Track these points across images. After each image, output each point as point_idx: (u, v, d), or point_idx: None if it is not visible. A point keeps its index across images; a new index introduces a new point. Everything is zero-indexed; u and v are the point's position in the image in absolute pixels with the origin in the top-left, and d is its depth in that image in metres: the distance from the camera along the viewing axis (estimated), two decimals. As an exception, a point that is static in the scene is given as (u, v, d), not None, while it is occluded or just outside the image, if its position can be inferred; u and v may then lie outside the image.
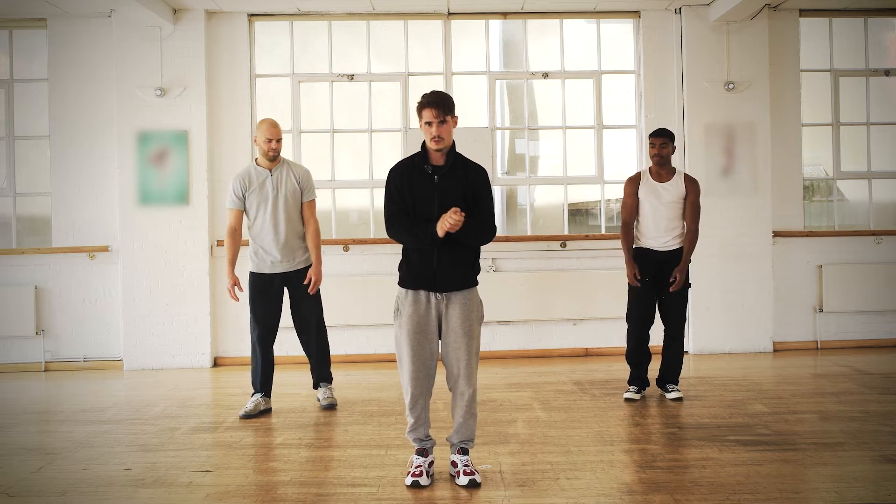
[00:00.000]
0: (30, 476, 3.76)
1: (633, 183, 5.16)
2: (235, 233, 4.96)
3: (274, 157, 4.92)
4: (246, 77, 6.82)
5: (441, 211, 3.49)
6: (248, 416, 4.88)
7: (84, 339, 6.69)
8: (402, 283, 3.63)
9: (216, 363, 6.73)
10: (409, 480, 3.54)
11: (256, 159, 5.00)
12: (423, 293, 3.58)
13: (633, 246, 5.16)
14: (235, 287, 4.88)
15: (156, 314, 6.59)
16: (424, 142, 3.60)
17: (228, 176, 6.73)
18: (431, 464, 3.65)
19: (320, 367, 5.14)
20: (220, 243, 6.68)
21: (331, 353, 5.22)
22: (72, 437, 4.46)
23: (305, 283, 4.94)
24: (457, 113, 3.60)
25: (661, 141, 5.06)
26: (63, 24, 6.69)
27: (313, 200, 5.04)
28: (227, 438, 4.39)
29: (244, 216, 4.99)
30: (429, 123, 3.51)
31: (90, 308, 6.69)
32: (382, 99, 7.08)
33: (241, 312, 6.63)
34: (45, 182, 6.80)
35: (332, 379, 5.21)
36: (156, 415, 4.96)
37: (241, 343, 6.69)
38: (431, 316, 3.58)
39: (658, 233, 5.06)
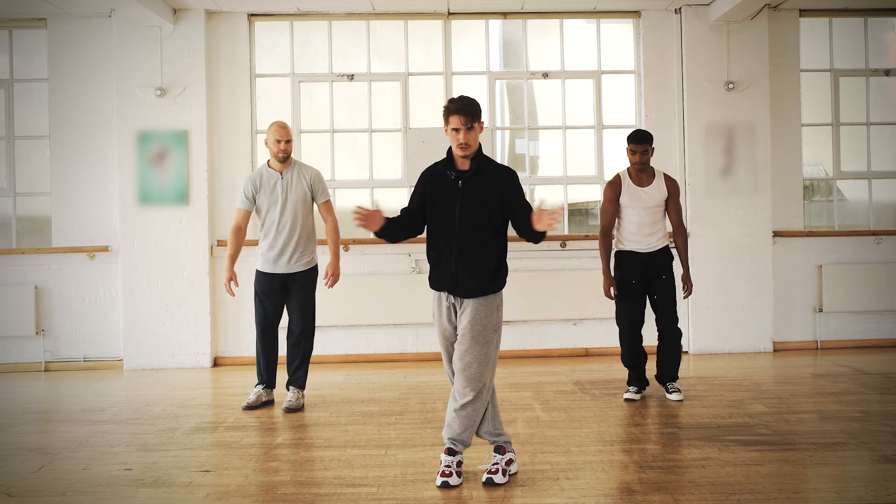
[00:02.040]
0: (30, 476, 3.76)
1: (615, 188, 5.06)
2: (240, 231, 5.04)
3: (284, 159, 4.98)
4: (246, 77, 6.82)
5: (463, 216, 3.46)
6: (250, 408, 5.02)
7: (84, 339, 6.69)
8: (430, 284, 3.65)
9: (216, 363, 6.73)
10: (438, 481, 3.48)
11: (269, 161, 5.05)
12: (443, 295, 3.59)
13: (617, 249, 5.13)
14: (232, 282, 4.96)
15: (156, 314, 6.59)
16: (450, 147, 3.55)
17: (228, 176, 6.75)
18: (459, 463, 3.52)
19: (300, 369, 5.07)
20: (220, 243, 6.68)
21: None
22: (72, 437, 4.46)
23: (325, 279, 4.99)
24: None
25: (643, 148, 4.97)
26: (63, 24, 6.69)
27: (328, 201, 5.12)
28: (227, 438, 4.39)
29: (255, 216, 5.06)
30: (456, 130, 3.45)
31: (90, 308, 6.69)
32: (382, 99, 7.07)
33: (240, 312, 6.66)
34: (45, 182, 6.80)
35: (304, 386, 5.10)
36: (156, 415, 4.96)
37: (241, 343, 6.70)
38: (452, 319, 3.57)
39: (641, 236, 5.04)
